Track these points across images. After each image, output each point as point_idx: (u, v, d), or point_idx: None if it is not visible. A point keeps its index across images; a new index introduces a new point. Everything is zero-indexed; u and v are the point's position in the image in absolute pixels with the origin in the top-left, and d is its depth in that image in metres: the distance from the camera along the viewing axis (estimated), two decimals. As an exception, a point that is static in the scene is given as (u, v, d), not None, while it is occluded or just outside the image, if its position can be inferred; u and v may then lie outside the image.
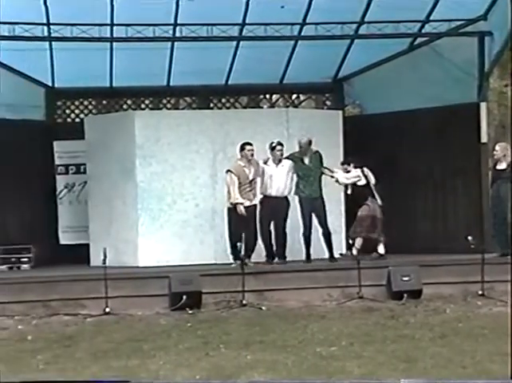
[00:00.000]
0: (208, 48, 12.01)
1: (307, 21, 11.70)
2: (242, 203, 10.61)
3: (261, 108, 14.85)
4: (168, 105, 14.21)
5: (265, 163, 11.06)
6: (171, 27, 11.67)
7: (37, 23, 11.18)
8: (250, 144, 10.88)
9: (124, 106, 13.91)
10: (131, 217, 11.70)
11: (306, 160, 11.11)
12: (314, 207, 11.04)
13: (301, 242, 11.13)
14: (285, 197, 11.05)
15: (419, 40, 12.46)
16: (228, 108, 13.93)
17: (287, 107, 14.38)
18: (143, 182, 11.67)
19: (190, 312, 9.08)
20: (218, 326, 8.10)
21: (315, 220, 11.07)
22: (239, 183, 10.69)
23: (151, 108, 13.97)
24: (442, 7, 11.48)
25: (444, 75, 12.03)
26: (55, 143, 13.08)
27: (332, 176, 11.24)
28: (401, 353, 6.40)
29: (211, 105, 13.97)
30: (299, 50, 12.65)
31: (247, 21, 11.76)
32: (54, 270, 11.42)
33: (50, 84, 13.32)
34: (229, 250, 10.88)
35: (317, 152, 11.21)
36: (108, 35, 11.64)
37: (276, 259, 10.99)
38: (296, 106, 14.83)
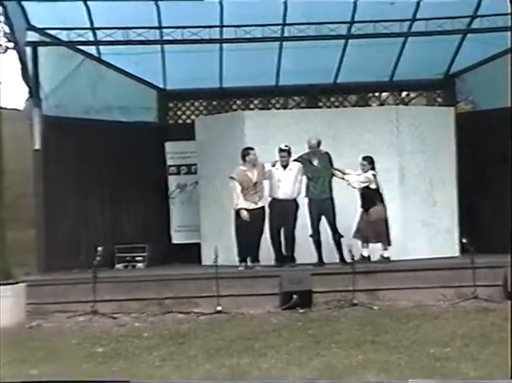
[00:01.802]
0: (317, 47, 12.01)
1: (417, 16, 11.51)
2: (244, 209, 10.62)
3: (371, 106, 14.68)
4: (277, 105, 14.27)
5: (273, 165, 10.97)
6: (280, 27, 11.73)
7: (149, 27, 11.46)
8: (253, 149, 10.85)
9: (234, 106, 14.08)
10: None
11: (315, 162, 10.91)
12: (323, 208, 10.80)
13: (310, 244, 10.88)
14: (294, 199, 10.86)
15: (536, 32, 12.02)
16: (337, 106, 13.87)
17: (397, 104, 14.15)
18: (252, 181, 11.73)
19: (300, 311, 9.09)
20: (329, 325, 8.08)
21: (325, 222, 10.82)
22: (243, 187, 10.70)
23: (261, 108, 14.06)
24: (561, -3, 11.04)
25: (563, 68, 11.55)
26: (167, 144, 13.35)
27: (343, 178, 10.96)
28: (519, 355, 6.20)
29: (320, 104, 13.96)
30: (409, 47, 12.46)
31: (356, 19, 11.68)
32: (167, 268, 11.66)
33: (162, 86, 13.63)
34: (236, 253, 10.82)
35: (326, 153, 10.98)
36: (218, 37, 11.79)
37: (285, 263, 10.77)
38: (406, 103, 14.57)
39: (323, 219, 10.81)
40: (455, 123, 12.25)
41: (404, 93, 15.07)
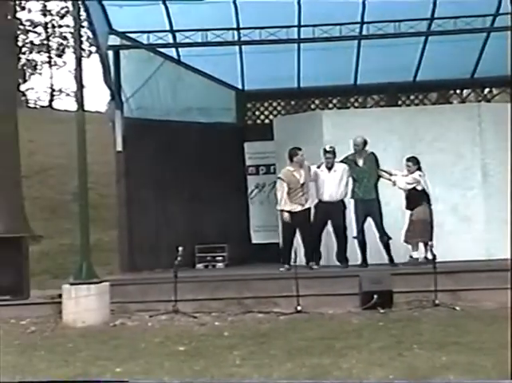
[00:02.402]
0: (396, 44, 11.90)
1: (500, 11, 11.25)
2: (287, 211, 10.66)
3: (452, 103, 14.44)
4: (356, 104, 14.20)
5: (318, 167, 10.93)
6: (358, 25, 11.65)
7: (227, 28, 11.55)
8: (300, 149, 10.85)
9: (312, 106, 14.08)
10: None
11: (360, 162, 10.83)
12: (368, 209, 10.72)
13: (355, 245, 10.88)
14: (340, 201, 10.82)
15: None
16: (417, 104, 13.72)
17: (479, 101, 13.89)
18: (331, 181, 11.66)
19: (381, 311, 9.00)
20: (411, 326, 7.97)
21: (372, 224, 10.75)
22: (290, 188, 10.70)
23: (339, 107, 14.00)
24: None
25: None
26: (245, 144, 13.42)
27: (390, 179, 10.82)
28: None
29: (399, 103, 13.82)
30: (492, 42, 12.21)
31: (436, 16, 11.50)
32: (247, 268, 11.71)
33: (240, 87, 13.71)
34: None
35: (372, 153, 10.86)
36: (296, 36, 11.79)
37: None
38: (488, 100, 14.27)
39: (370, 220, 10.76)
40: (540, 120, 11.93)
41: (487, 90, 14.76)
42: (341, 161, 10.94)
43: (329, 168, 10.88)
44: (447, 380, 5.62)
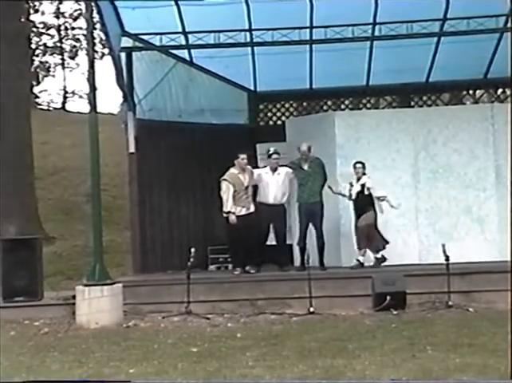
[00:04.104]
0: (408, 45, 11.87)
1: (513, 11, 11.23)
2: (233, 213, 10.69)
3: (465, 104, 14.39)
4: (368, 105, 14.18)
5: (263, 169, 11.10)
6: (370, 26, 11.63)
7: (239, 29, 11.55)
8: (244, 153, 10.97)
9: (324, 107, 14.05)
10: (332, 217, 11.71)
11: (305, 166, 10.98)
12: (310, 212, 10.87)
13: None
14: (282, 204, 11.00)
15: None
16: (429, 105, 13.69)
17: (492, 102, 13.84)
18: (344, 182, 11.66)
19: (394, 312, 8.98)
20: (424, 328, 7.95)
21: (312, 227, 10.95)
22: (235, 190, 10.75)
23: (351, 109, 13.99)
24: None
25: None
26: (258, 145, 13.39)
27: (340, 194, 11.04)
28: None
29: (412, 103, 13.78)
30: (505, 42, 12.12)
31: (449, 16, 11.47)
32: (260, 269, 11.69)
33: (253, 88, 13.71)
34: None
35: (318, 158, 11.01)
36: (308, 37, 11.79)
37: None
38: (502, 101, 14.20)
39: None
40: (554, 120, 11.87)
41: (500, 91, 14.70)
42: (285, 165, 11.11)
43: (274, 170, 11.01)
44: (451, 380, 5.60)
